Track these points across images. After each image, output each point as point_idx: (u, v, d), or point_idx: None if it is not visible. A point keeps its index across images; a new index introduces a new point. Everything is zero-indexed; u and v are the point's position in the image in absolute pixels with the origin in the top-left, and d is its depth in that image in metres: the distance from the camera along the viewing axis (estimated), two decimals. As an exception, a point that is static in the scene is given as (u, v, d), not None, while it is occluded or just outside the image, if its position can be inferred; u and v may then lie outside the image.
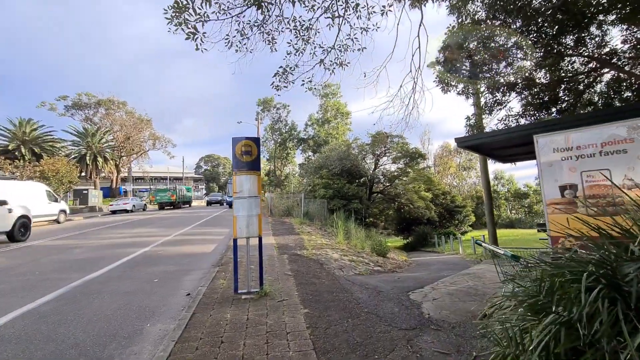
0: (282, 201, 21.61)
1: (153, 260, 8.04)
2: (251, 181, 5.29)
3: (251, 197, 5.27)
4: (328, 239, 12.53)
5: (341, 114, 41.00)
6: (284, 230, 13.41)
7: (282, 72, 5.80)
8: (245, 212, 5.19)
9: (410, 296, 5.13)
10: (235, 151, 5.26)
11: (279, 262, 7.57)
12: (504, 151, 6.36)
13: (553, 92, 9.08)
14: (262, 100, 40.99)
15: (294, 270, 6.75)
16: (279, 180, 40.56)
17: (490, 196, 10.79)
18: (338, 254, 9.42)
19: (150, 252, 9.08)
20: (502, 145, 5.60)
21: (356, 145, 24.75)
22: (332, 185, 20.03)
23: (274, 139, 43.71)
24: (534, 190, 45.15)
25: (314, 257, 8.35)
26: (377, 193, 26.16)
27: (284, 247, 9.55)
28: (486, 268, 7.23)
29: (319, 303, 4.71)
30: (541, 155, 4.44)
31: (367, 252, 11.19)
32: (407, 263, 10.92)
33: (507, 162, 8.07)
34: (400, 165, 24.15)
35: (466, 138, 5.32)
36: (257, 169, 5.34)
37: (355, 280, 6.40)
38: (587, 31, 8.67)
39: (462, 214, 27.34)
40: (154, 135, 48.92)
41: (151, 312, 4.60)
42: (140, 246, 9.96)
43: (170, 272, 6.94)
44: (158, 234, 12.99)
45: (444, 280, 6.16)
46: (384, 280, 6.71)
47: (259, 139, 5.41)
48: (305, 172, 28.59)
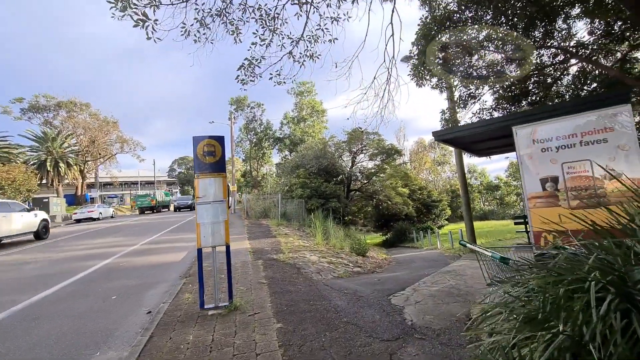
0: (259, 202, 21.00)
1: (114, 274, 7.36)
2: (216, 184, 4.82)
3: (216, 202, 4.80)
4: (306, 240, 12.15)
5: (317, 112, 40.65)
6: (260, 233, 12.90)
7: (247, 65, 5.35)
8: (210, 219, 4.71)
9: (391, 300, 4.84)
10: (196, 152, 4.77)
11: (253, 268, 7.12)
12: (481, 144, 6.23)
13: (524, 85, 9.14)
14: (235, 99, 39.91)
15: (268, 278, 6.32)
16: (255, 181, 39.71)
17: (466, 190, 10.80)
18: (316, 256, 9.06)
19: (112, 265, 8.34)
20: (480, 138, 5.45)
21: (333, 143, 24.49)
22: (309, 185, 19.66)
23: (249, 139, 42.73)
24: (504, 183, 46.83)
25: (290, 261, 7.94)
26: (355, 191, 26.05)
27: (259, 252, 9.08)
28: (466, 264, 7.11)
29: (294, 315, 4.32)
30: (521, 147, 4.27)
31: (346, 252, 10.91)
32: (387, 261, 10.74)
33: (483, 156, 8.02)
34: (377, 162, 24.14)
35: (443, 131, 5.12)
36: (222, 171, 4.87)
37: (334, 285, 6.06)
38: (554, 24, 8.76)
39: (438, 208, 27.78)
40: (122, 138, 46.58)
41: (104, 336, 4.04)
42: (102, 258, 9.17)
43: (131, 287, 6.33)
44: (124, 243, 12.12)
45: (425, 280, 5.95)
46: (363, 282, 6.42)
47: (224, 138, 4.94)
48: (282, 171, 28.07)
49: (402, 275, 7.22)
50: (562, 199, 3.96)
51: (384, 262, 10.41)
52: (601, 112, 3.63)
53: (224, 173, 4.90)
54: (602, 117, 3.63)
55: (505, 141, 5.54)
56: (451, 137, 4.88)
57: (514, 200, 44.64)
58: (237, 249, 9.51)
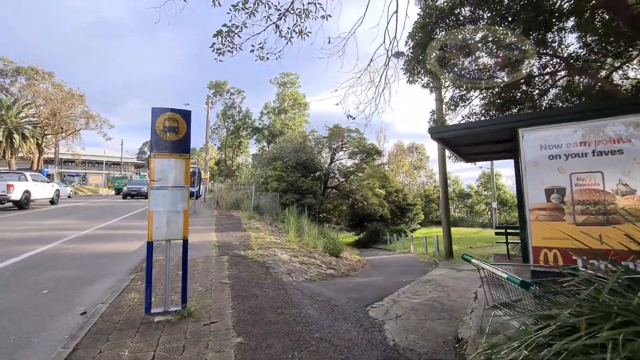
0: (231, 193, 20.02)
1: (54, 262, 6.38)
2: (177, 167, 4.07)
3: (176, 188, 4.06)
4: (278, 236, 11.49)
5: (299, 104, 39.74)
6: (229, 226, 12.08)
7: (226, 32, 4.61)
8: (166, 207, 3.96)
9: (369, 313, 4.32)
10: (155, 126, 3.99)
11: (217, 265, 6.39)
12: (474, 148, 5.86)
13: (512, 92, 8.94)
14: (215, 83, 38.17)
15: (233, 277, 5.63)
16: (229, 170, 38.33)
17: (446, 195, 10.57)
18: (288, 254, 8.44)
19: (54, 250, 7.30)
20: (477, 140, 5.05)
21: (313, 137, 23.85)
22: (285, 178, 18.94)
23: (226, 127, 41.12)
24: (475, 192, 48.20)
25: (259, 258, 7.27)
26: (332, 188, 25.59)
27: (225, 246, 8.33)
28: (445, 274, 6.75)
29: (258, 326, 3.68)
30: (526, 152, 3.84)
31: (319, 252, 10.37)
32: (361, 264, 10.32)
33: (470, 161, 7.71)
34: (357, 160, 23.79)
35: (441, 128, 4.67)
36: (185, 151, 4.12)
37: (306, 289, 5.47)
38: (549, 33, 8.58)
39: (412, 212, 27.93)
40: (88, 114, 43.44)
41: (15, 344, 3.23)
42: (45, 242, 8.06)
43: (70, 279, 5.43)
44: (76, 226, 10.90)
45: (404, 289, 5.49)
46: (338, 288, 5.88)
47: (190, 113, 4.19)
48: (258, 163, 27.09)
49: (378, 281, 6.75)
50: (567, 212, 3.56)
51: (358, 265, 9.97)
52: (625, 119, 3.25)
53: (188, 155, 4.16)
54: (624, 125, 3.26)
55: (502, 146, 5.19)
56: (448, 136, 4.44)
57: (482, 209, 46.05)
58: (201, 242, 8.71)
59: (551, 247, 3.61)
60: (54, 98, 40.11)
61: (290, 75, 40.91)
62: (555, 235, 3.60)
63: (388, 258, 12.49)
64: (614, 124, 3.38)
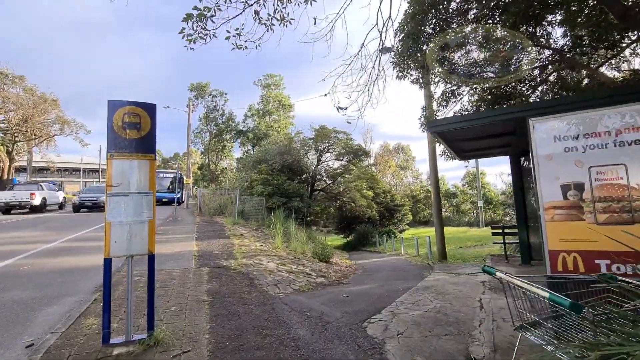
0: (215, 198, 19.24)
1: (8, 281, 5.63)
2: (140, 170, 3.48)
3: (139, 194, 3.47)
4: (264, 242, 10.88)
5: (283, 106, 39.09)
6: (211, 233, 11.39)
7: (197, 16, 4.06)
8: (127, 217, 3.37)
9: (367, 330, 3.82)
10: (112, 122, 3.40)
11: (195, 279, 5.76)
12: (471, 143, 5.49)
13: (505, 87, 8.69)
14: (196, 85, 37.10)
15: (212, 293, 5.03)
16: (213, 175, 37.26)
17: (438, 194, 10.23)
18: (274, 262, 7.87)
19: (10, 267, 6.52)
20: (476, 134, 4.67)
21: (299, 139, 23.31)
22: (271, 182, 18.31)
23: (209, 130, 40.03)
24: (461, 191, 48.65)
25: (243, 269, 6.68)
26: (319, 191, 25.09)
27: (206, 256, 7.69)
28: (444, 279, 6.33)
29: (238, 354, 3.13)
30: (538, 144, 3.44)
31: (308, 258, 9.83)
32: (352, 269, 9.83)
33: (465, 159, 7.38)
34: (344, 162, 23.37)
35: (440, 121, 4.26)
36: (149, 151, 3.54)
37: (295, 303, 4.93)
38: (541, 25, 8.38)
39: (401, 213, 27.72)
40: (62, 119, 41.53)
41: None
42: (2, 258, 7.22)
43: (24, 301, 4.73)
44: (41, 238, 9.99)
45: (402, 299, 5.02)
46: (330, 299, 5.36)
47: (155, 107, 3.61)
48: (242, 166, 26.31)
49: (372, 289, 6.27)
50: (587, 211, 3.17)
51: (350, 271, 9.48)
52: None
53: (153, 155, 3.57)
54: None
55: (500, 141, 4.84)
56: (448, 129, 4.02)
57: (468, 208, 46.46)
58: (179, 252, 8.03)
59: (570, 251, 3.21)
60: (25, 103, 38.12)
61: (274, 76, 40.27)
62: (574, 236, 3.20)
63: (379, 262, 12.07)
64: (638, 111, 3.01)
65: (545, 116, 3.40)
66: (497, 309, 4.34)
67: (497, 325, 3.79)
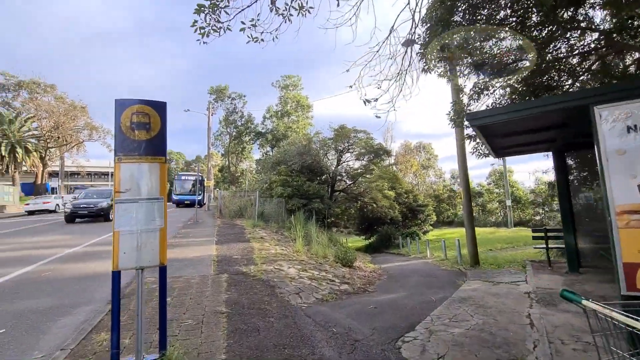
0: (235, 200, 19.20)
1: (27, 289, 5.56)
2: (151, 174, 3.20)
3: (150, 200, 3.19)
4: (284, 245, 10.58)
5: (302, 107, 38.89)
6: (231, 236, 11.21)
7: (209, 7, 3.76)
8: (137, 225, 3.09)
9: (401, 351, 3.37)
10: (120, 122, 3.13)
11: (213, 287, 5.49)
12: (512, 138, 4.92)
13: (540, 78, 7.95)
14: (215, 88, 37.51)
15: (231, 303, 4.73)
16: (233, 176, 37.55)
17: (469, 194, 9.54)
18: (295, 268, 7.53)
19: (31, 274, 6.49)
20: (521, 128, 4.12)
21: (318, 139, 22.93)
22: (290, 183, 18.04)
23: (228, 132, 40.41)
24: (486, 190, 46.76)
25: (263, 275, 6.37)
26: (340, 192, 24.62)
27: (226, 261, 7.44)
28: (482, 289, 5.75)
29: (258, 381, 2.77)
30: (606, 136, 2.89)
31: (330, 262, 9.42)
32: (377, 274, 9.34)
33: (501, 156, 6.77)
34: (364, 162, 22.80)
35: (483, 113, 3.74)
36: (160, 154, 3.25)
37: (319, 315, 4.54)
38: (582, 7, 7.60)
39: (424, 213, 26.78)
40: (91, 125, 43.19)
41: None
42: (25, 263, 7.27)
43: (40, 312, 4.60)
44: (64, 243, 10.13)
45: (438, 312, 4.52)
46: (356, 311, 4.93)
47: (165, 105, 3.33)
48: (261, 168, 26.24)
49: (402, 299, 5.78)
50: (674, 216, 2.59)
51: (374, 276, 9.01)
52: None
53: (164, 157, 3.28)
54: None
55: (547, 135, 4.27)
56: (492, 121, 3.48)
57: (495, 207, 44.57)
58: (199, 257, 7.84)
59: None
60: (56, 111, 39.89)
61: (292, 77, 40.17)
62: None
63: (405, 266, 11.49)
64: None
65: (616, 103, 2.85)
66: (551, 327, 3.78)
67: (555, 349, 3.25)
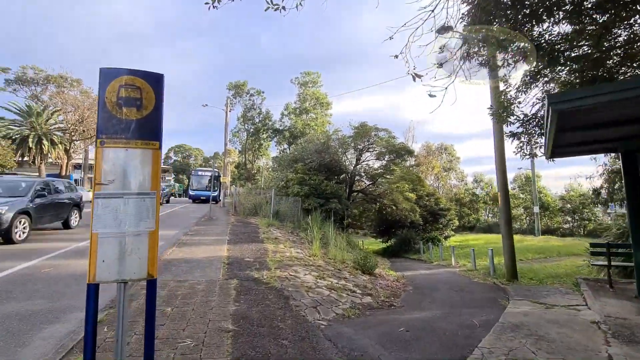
0: (250, 198, 18.71)
1: (22, 287, 5.10)
2: (141, 162, 2.56)
3: (139, 196, 2.55)
4: (300, 247, 9.90)
5: (321, 104, 38.16)
6: (244, 236, 10.62)
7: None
8: (121, 227, 2.45)
9: (453, 403, 2.58)
10: (105, 97, 2.49)
11: (221, 296, 4.85)
12: (586, 133, 4.04)
13: (601, 67, 6.92)
14: (234, 84, 37.31)
15: (239, 318, 4.06)
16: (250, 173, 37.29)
17: (507, 199, 8.50)
18: (312, 275, 6.82)
19: (31, 270, 6.07)
20: (606, 118, 3.26)
21: (337, 137, 22.13)
22: (307, 181, 17.36)
23: (246, 129, 40.18)
24: (511, 195, 44.64)
25: (277, 283, 5.69)
26: (358, 192, 23.75)
27: (236, 264, 6.82)
28: (535, 313, 4.85)
29: None
30: None
31: (349, 269, 8.67)
32: (401, 284, 8.51)
33: (556, 156, 5.84)
34: (385, 162, 21.84)
35: (576, 94, 2.88)
36: (154, 137, 2.60)
37: (341, 339, 3.81)
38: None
39: (446, 218, 25.51)
40: (113, 119, 43.83)
41: None
42: (27, 257, 6.87)
43: (28, 315, 4.10)
44: (75, 236, 9.81)
45: (488, 344, 3.69)
46: (385, 335, 4.16)
47: (162, 77, 2.68)
48: (278, 165, 25.71)
49: (436, 319, 4.97)
50: None
51: (398, 286, 8.18)
52: None
53: (158, 142, 2.63)
54: None
55: (618, 132, 3.35)
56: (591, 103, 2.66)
57: (520, 214, 42.43)
58: (208, 258, 7.26)
59: None
60: (81, 105, 40.83)
61: (311, 74, 39.49)
62: None
63: (430, 275, 10.59)
64: None
65: None
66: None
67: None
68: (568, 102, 2.80)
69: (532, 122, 6.75)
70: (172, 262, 6.88)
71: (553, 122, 3.04)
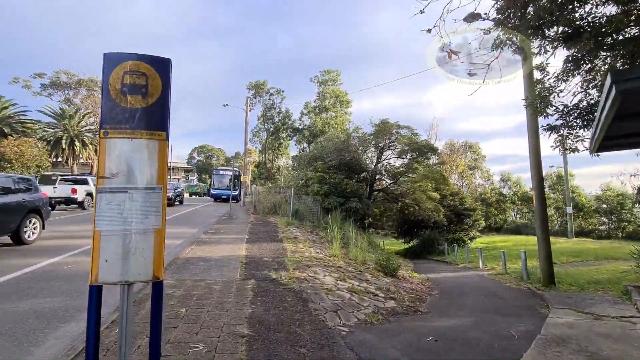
0: (269, 197, 18.66)
1: (43, 284, 5.13)
2: (147, 154, 2.36)
3: (145, 191, 2.35)
4: (320, 247, 9.65)
5: (340, 102, 37.76)
6: (264, 235, 10.49)
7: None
8: (126, 224, 2.26)
9: None
10: (109, 84, 2.32)
11: (237, 297, 4.66)
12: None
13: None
14: (254, 83, 37.57)
15: (255, 322, 3.84)
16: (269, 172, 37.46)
17: (543, 198, 7.81)
18: (332, 276, 6.53)
19: (54, 266, 6.16)
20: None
21: (357, 135, 21.73)
22: (327, 180, 17.09)
23: (266, 129, 40.39)
24: (541, 194, 42.43)
25: (295, 284, 5.45)
26: (379, 191, 23.22)
27: (254, 264, 6.65)
28: (582, 325, 4.34)
29: None
30: None
31: (370, 270, 8.32)
32: (426, 287, 8.07)
33: (601, 151, 5.28)
34: (407, 160, 21.20)
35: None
36: (160, 128, 2.40)
37: (363, 349, 3.51)
38: None
39: (472, 218, 24.48)
40: (140, 121, 45.43)
41: None
42: (55, 253, 7.02)
43: (45, 313, 4.07)
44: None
45: (530, 359, 3.27)
46: (411, 344, 3.82)
47: (170, 62, 2.48)
48: (298, 164, 25.57)
49: (468, 328, 4.56)
50: None
51: (423, 290, 7.75)
52: None
53: (164, 132, 2.43)
54: None
55: None
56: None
57: (551, 215, 40.29)
58: (226, 257, 7.14)
59: None
60: (110, 107, 42.45)
61: (331, 72, 39.16)
62: None
63: (456, 277, 10.05)
64: None
65: None
66: None
67: None
68: (638, 79, 2.35)
69: (573, 113, 6.15)
70: (191, 261, 6.80)
71: (613, 106, 2.60)
